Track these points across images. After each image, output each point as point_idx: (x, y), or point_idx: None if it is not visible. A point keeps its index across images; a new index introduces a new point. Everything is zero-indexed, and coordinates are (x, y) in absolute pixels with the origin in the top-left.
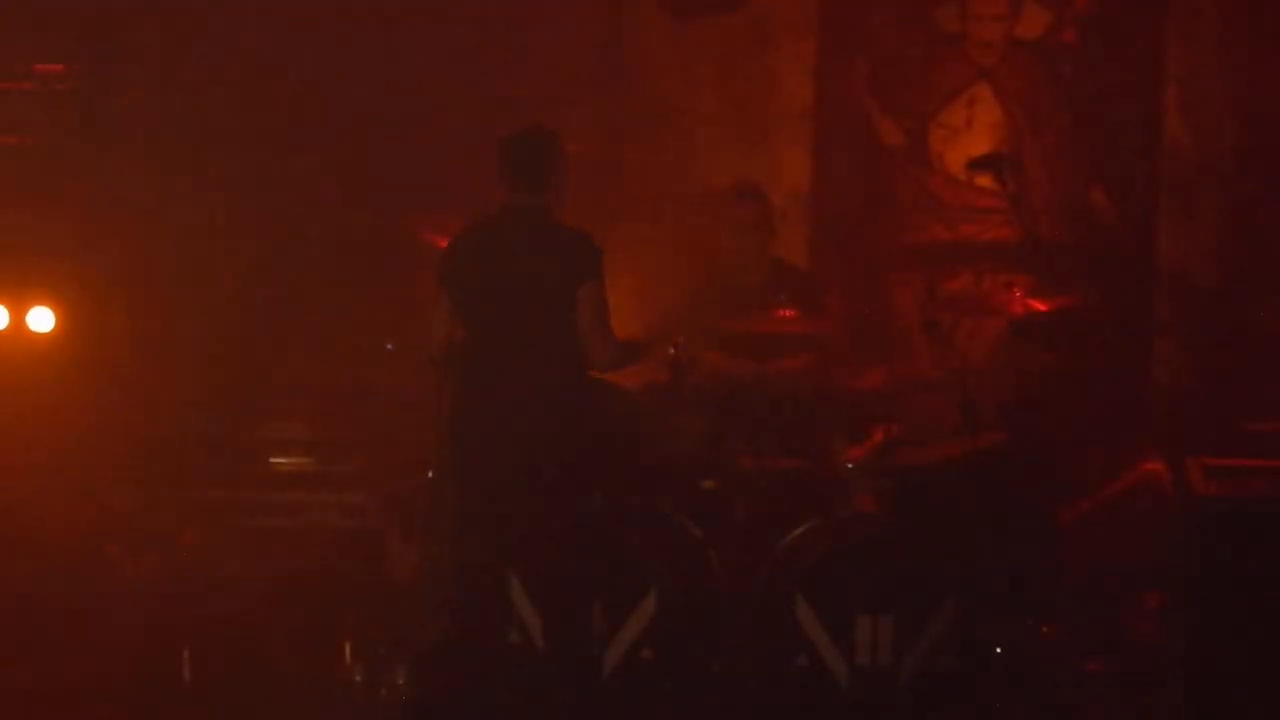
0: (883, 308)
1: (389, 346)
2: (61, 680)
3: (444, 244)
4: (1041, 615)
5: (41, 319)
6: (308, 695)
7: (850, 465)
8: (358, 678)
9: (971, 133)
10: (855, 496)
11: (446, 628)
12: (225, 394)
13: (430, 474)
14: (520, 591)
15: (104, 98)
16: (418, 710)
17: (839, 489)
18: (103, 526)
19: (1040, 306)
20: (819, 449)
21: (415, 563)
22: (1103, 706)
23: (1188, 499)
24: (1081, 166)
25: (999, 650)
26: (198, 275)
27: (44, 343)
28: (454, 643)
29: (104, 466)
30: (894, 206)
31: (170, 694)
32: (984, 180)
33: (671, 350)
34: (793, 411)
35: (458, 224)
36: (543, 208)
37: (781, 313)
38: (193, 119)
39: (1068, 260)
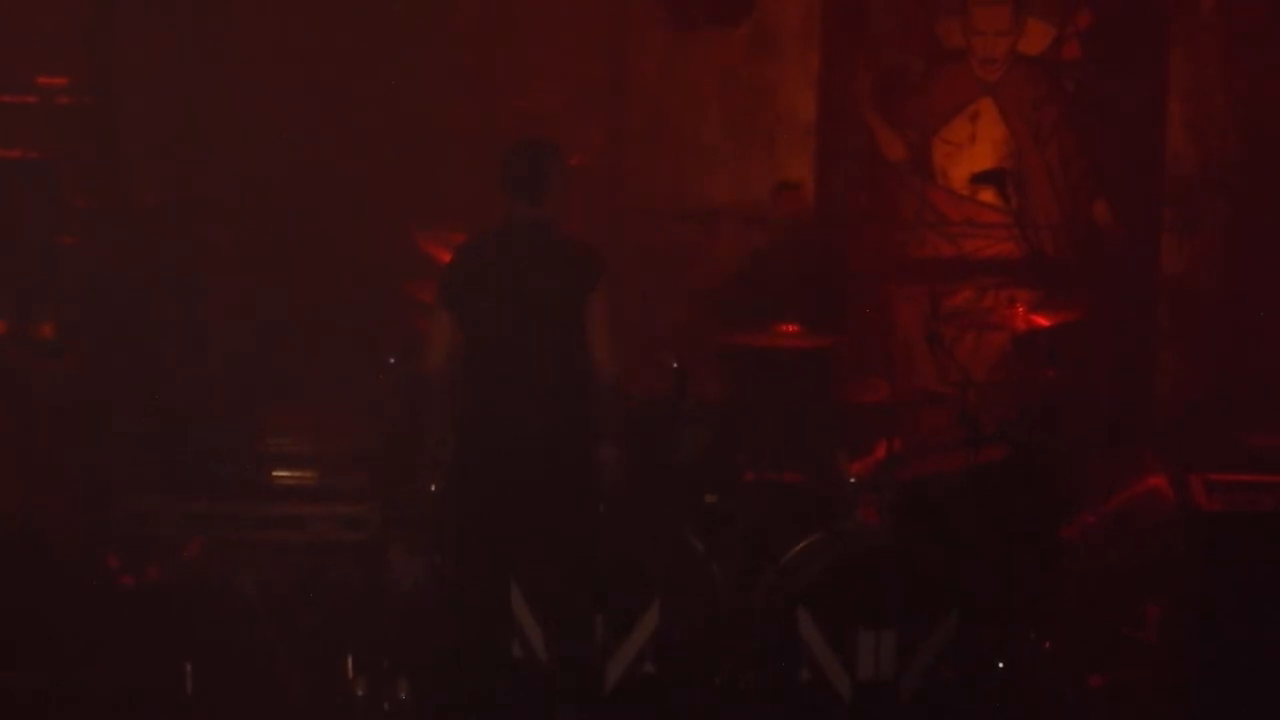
0: (885, 322)
1: (391, 360)
2: (63, 693)
3: (446, 257)
4: (1043, 629)
5: (44, 330)
6: (311, 708)
7: (853, 479)
8: (360, 691)
9: (974, 148)
10: (857, 510)
11: (449, 641)
12: (227, 407)
13: (433, 487)
14: (523, 605)
15: (107, 110)
16: None
17: (841, 503)
18: (104, 539)
19: (1043, 321)
20: (821, 463)
21: (418, 576)
22: None
23: (1190, 513)
24: (1084, 181)
25: (1001, 664)
26: (200, 287)
27: (46, 354)
28: (457, 656)
29: (105, 479)
30: (896, 221)
31: (172, 707)
32: (987, 195)
33: (674, 364)
34: (795, 425)
35: (460, 237)
36: (544, 220)
37: (783, 327)
38: (195, 131)
39: (1070, 275)
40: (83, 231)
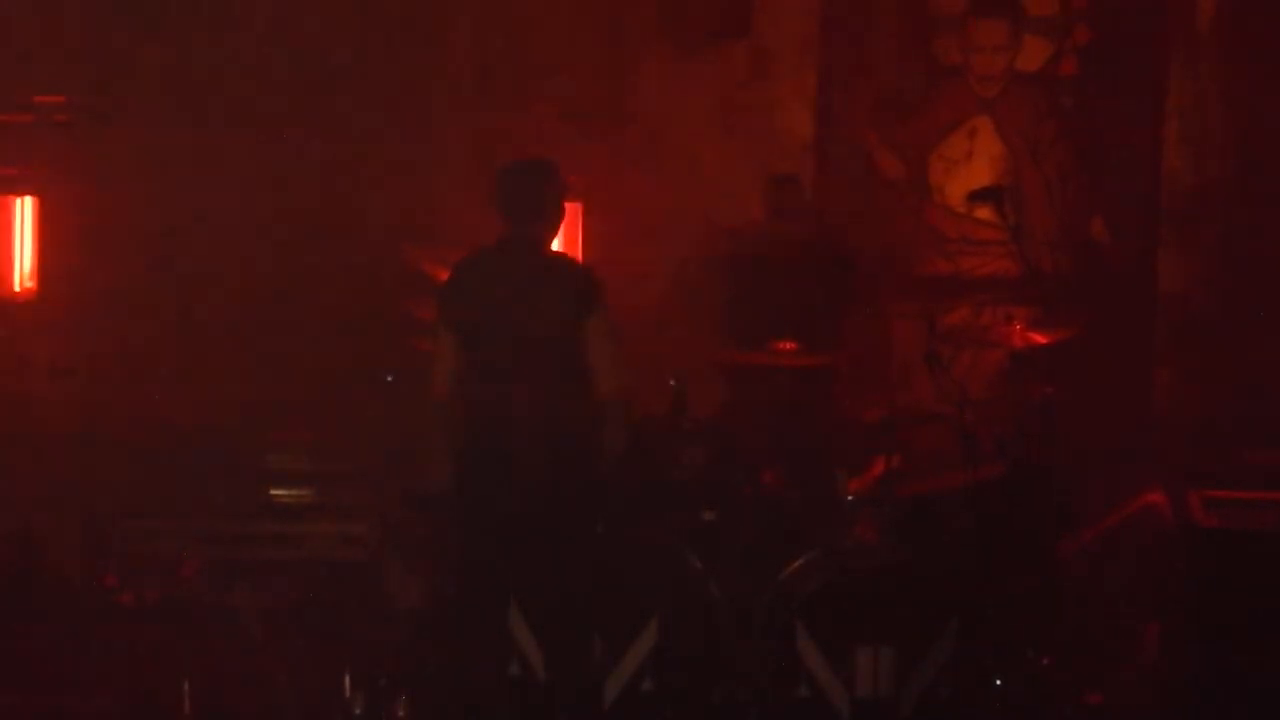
0: (883, 340)
1: (389, 378)
2: (61, 712)
3: (444, 276)
4: (1042, 646)
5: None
6: None
7: (851, 497)
8: (358, 710)
9: (972, 165)
10: (856, 527)
11: (447, 659)
12: (225, 426)
13: (432, 505)
14: (521, 623)
15: (103, 129)
16: None
17: (840, 520)
18: (103, 558)
19: (1040, 339)
20: (820, 480)
21: (416, 594)
22: None
23: (1188, 531)
24: (1082, 198)
25: (999, 681)
26: (197, 307)
27: (49, 375)
28: (455, 674)
29: (103, 498)
30: (894, 239)
31: None
32: (984, 212)
33: (672, 382)
34: (794, 442)
35: (457, 256)
36: (540, 239)
37: (782, 345)
38: (191, 150)
39: (1068, 291)
40: (83, 252)
